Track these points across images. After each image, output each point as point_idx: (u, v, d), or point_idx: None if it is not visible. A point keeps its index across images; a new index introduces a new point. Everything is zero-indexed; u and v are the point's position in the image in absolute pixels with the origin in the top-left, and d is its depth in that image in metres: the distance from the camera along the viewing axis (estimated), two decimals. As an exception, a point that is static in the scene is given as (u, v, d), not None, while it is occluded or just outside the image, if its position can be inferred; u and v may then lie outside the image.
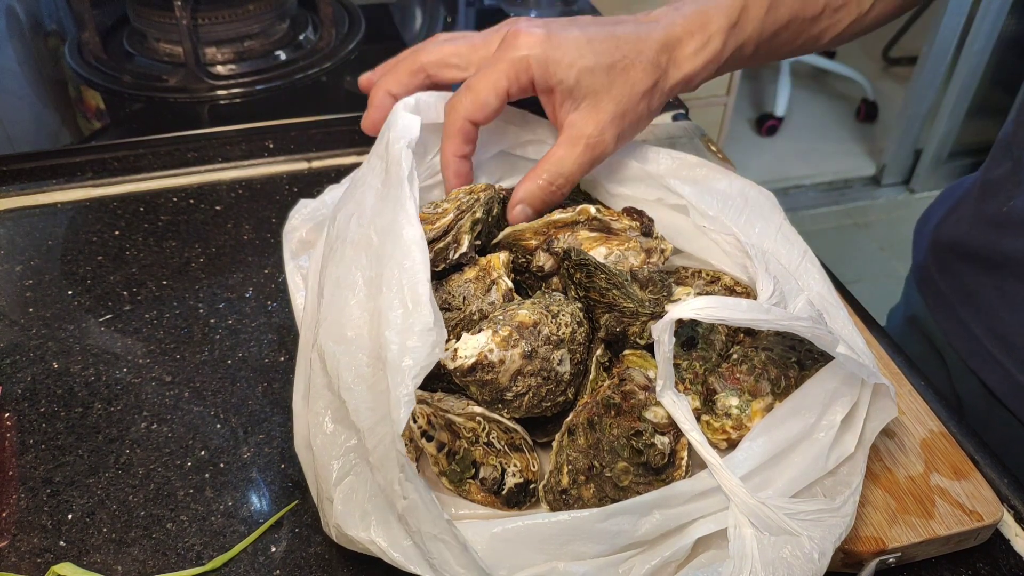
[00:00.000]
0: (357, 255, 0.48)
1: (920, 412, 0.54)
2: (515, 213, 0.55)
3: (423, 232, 0.46)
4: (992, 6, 2.23)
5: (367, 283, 0.46)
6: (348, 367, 0.44)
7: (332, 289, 0.47)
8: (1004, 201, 0.65)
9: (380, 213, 0.49)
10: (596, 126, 0.54)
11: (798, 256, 0.54)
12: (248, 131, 0.83)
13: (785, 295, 0.49)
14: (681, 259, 0.58)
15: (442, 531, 0.40)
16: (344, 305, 0.46)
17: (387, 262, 0.45)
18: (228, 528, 0.50)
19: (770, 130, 2.85)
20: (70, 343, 0.61)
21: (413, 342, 0.41)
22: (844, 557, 0.46)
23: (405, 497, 0.40)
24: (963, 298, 0.70)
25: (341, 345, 0.45)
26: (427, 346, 0.41)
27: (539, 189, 0.55)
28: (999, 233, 0.65)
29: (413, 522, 0.41)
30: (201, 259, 0.69)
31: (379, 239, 0.47)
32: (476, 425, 0.47)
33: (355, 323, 0.45)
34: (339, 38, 1.01)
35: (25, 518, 0.50)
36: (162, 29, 0.95)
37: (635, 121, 0.56)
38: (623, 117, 0.55)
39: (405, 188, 0.48)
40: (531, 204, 0.55)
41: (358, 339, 0.44)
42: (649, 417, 0.46)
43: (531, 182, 0.55)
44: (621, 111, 0.54)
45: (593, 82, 0.53)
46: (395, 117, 0.53)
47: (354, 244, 0.48)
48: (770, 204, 0.56)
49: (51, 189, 0.75)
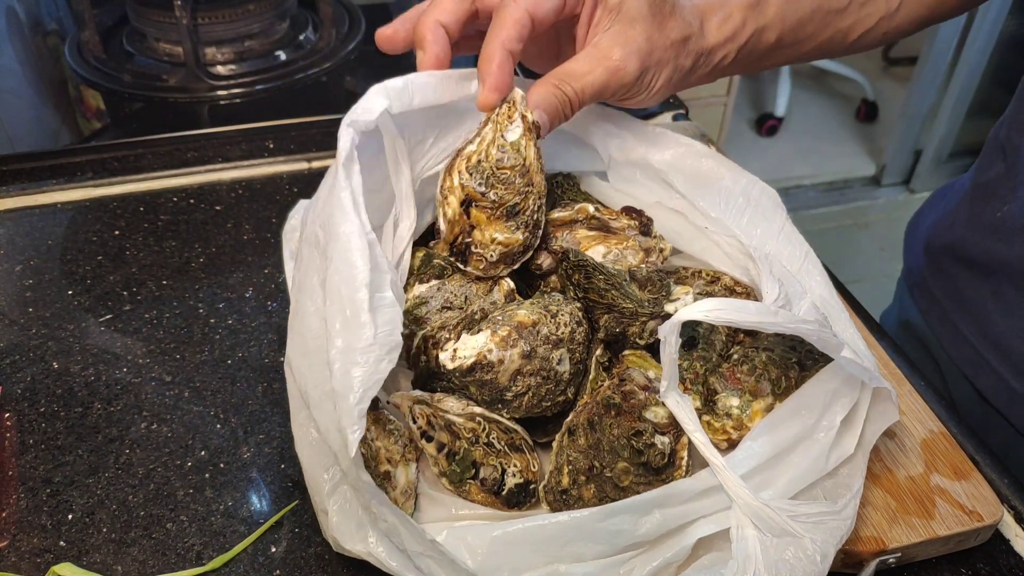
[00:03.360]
0: (312, 255, 0.45)
1: (920, 412, 0.54)
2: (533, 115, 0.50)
3: (362, 224, 0.43)
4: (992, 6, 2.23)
5: (322, 286, 0.44)
6: (314, 385, 0.42)
7: (296, 295, 0.46)
8: (999, 206, 0.64)
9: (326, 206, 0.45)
10: (621, 51, 0.50)
11: (800, 257, 0.54)
12: (248, 131, 0.83)
13: (790, 297, 0.49)
14: (681, 259, 0.58)
15: (427, 548, 0.40)
16: (305, 314, 0.44)
17: (330, 264, 0.43)
18: (228, 528, 0.50)
19: (770, 130, 2.85)
20: (70, 343, 0.61)
21: (355, 360, 0.40)
22: (844, 557, 0.46)
23: (385, 520, 0.40)
24: (957, 303, 0.69)
25: (306, 359, 0.43)
26: (370, 363, 0.40)
27: (552, 95, 0.49)
28: (994, 239, 0.64)
29: (397, 542, 0.41)
30: (201, 259, 0.69)
31: (324, 236, 0.44)
32: (476, 425, 0.47)
33: (315, 333, 0.43)
34: (339, 38, 1.01)
35: (25, 518, 0.50)
36: (162, 29, 0.95)
37: (660, 65, 0.52)
38: (650, 55, 0.51)
39: (340, 177, 0.44)
40: (546, 110, 0.50)
41: (319, 351, 0.42)
42: (649, 417, 0.46)
43: (543, 86, 0.50)
44: (649, 48, 0.51)
45: (634, 8, 0.50)
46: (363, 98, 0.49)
47: (308, 243, 0.46)
48: (773, 203, 0.56)
49: (51, 189, 0.75)
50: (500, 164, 0.50)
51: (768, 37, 0.57)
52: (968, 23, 2.30)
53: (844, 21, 0.59)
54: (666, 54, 0.52)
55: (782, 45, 0.58)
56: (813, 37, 0.59)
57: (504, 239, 0.50)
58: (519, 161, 0.50)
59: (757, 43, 0.57)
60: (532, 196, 0.50)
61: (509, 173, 0.50)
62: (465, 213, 0.50)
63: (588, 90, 0.50)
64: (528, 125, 0.50)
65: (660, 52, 0.52)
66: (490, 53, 0.49)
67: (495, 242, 0.50)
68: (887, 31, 0.61)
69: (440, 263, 0.53)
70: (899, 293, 0.82)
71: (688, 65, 0.54)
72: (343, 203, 0.43)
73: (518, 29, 0.49)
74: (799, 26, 0.58)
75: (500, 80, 0.49)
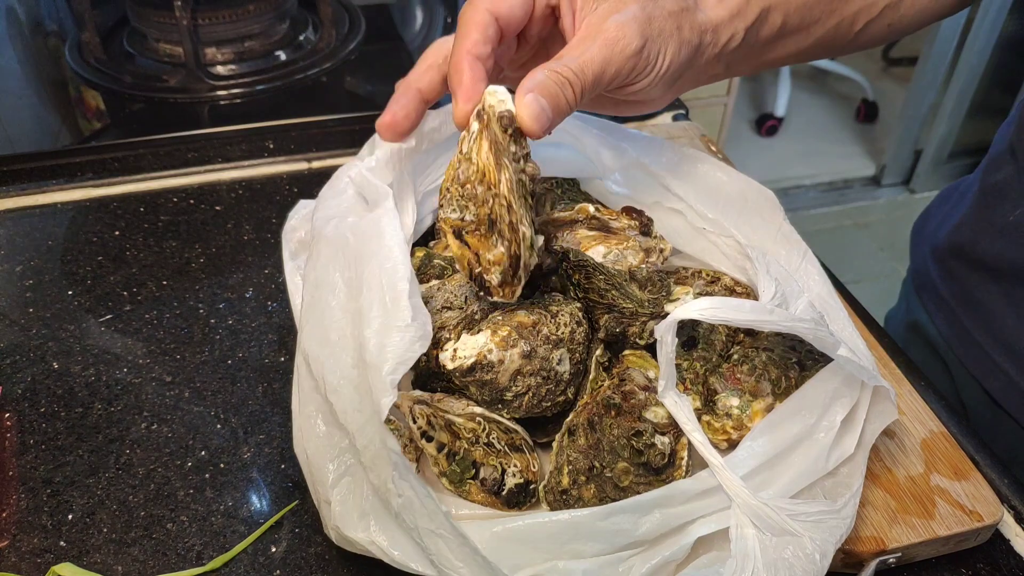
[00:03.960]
0: (335, 255, 0.47)
1: (920, 412, 0.54)
2: (526, 102, 0.43)
3: (406, 237, 0.45)
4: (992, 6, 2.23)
5: (347, 283, 0.46)
6: (332, 370, 0.44)
7: (312, 291, 0.47)
8: (1011, 209, 0.64)
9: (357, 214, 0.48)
10: (616, 22, 0.45)
11: (798, 257, 0.54)
12: (248, 131, 0.83)
13: (787, 296, 0.49)
14: (681, 259, 0.58)
15: (439, 526, 0.40)
16: (325, 307, 0.46)
17: (367, 263, 0.45)
18: (228, 528, 0.50)
19: (770, 130, 2.85)
20: (70, 343, 0.61)
21: (391, 338, 0.41)
22: (844, 557, 0.46)
23: (400, 495, 0.40)
24: (967, 306, 0.69)
25: (325, 348, 0.44)
26: (406, 341, 0.41)
27: (548, 78, 0.43)
28: (1005, 241, 0.64)
29: (409, 519, 0.41)
30: (201, 259, 0.69)
31: (356, 239, 0.46)
32: (476, 426, 0.47)
33: (337, 325, 0.45)
34: (339, 38, 1.01)
35: (25, 518, 0.50)
36: (162, 29, 0.95)
37: (664, 36, 0.47)
38: (648, 23, 0.46)
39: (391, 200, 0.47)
40: (543, 94, 0.43)
41: (341, 340, 0.44)
42: (649, 417, 0.46)
43: (538, 71, 0.44)
44: (646, 16, 0.46)
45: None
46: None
47: (330, 244, 0.48)
48: (770, 204, 0.56)
49: (51, 189, 0.75)
50: (460, 182, 0.46)
51: (775, 19, 0.53)
52: (968, 23, 2.30)
53: (849, 7, 0.56)
54: (667, 24, 0.47)
55: (787, 30, 0.55)
56: (819, 23, 0.56)
57: (494, 257, 0.46)
58: (473, 170, 0.45)
59: (763, 25, 0.53)
60: (497, 200, 0.45)
61: (470, 187, 0.45)
62: (464, 244, 0.47)
63: (589, 68, 0.45)
64: (484, 122, 0.44)
65: (660, 21, 0.47)
66: (456, 63, 0.45)
67: (491, 263, 0.46)
68: (892, 22, 0.59)
69: (440, 263, 0.53)
70: (905, 294, 0.82)
71: (696, 41, 0.49)
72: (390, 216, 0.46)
73: (481, 31, 0.45)
74: (805, 8, 0.54)
75: (472, 90, 0.45)
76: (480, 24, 0.45)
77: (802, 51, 0.57)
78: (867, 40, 0.59)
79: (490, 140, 0.44)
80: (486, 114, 0.44)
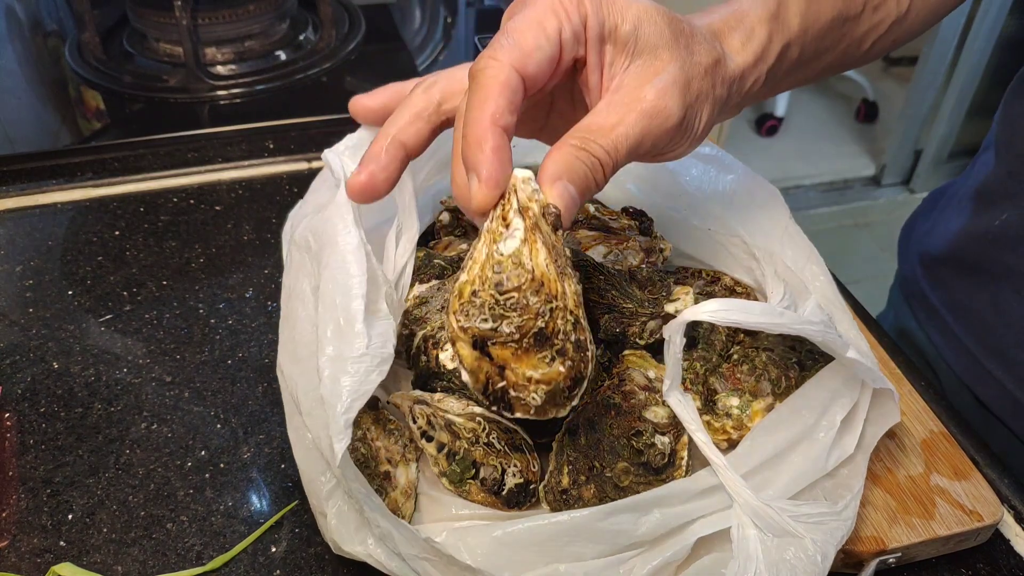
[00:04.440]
0: (303, 260, 0.45)
1: (920, 412, 0.54)
2: (558, 193, 0.37)
3: (360, 236, 0.41)
4: (992, 6, 2.23)
5: (313, 293, 0.43)
6: (305, 391, 0.42)
7: (286, 301, 0.46)
8: (997, 214, 0.63)
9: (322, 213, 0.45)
10: (655, 89, 0.39)
11: (804, 257, 0.53)
12: (248, 131, 0.83)
13: (795, 298, 0.49)
14: (681, 259, 0.58)
15: (422, 551, 0.40)
16: (296, 320, 0.44)
17: (324, 272, 0.42)
18: (228, 528, 0.50)
19: (770, 130, 2.85)
20: (70, 343, 0.61)
21: (346, 370, 0.40)
22: (844, 557, 0.46)
23: (377, 525, 0.40)
24: (956, 312, 0.68)
25: (296, 366, 0.43)
26: (360, 373, 0.40)
27: (576, 160, 0.38)
28: (995, 247, 0.64)
29: (392, 546, 0.41)
30: (201, 259, 0.69)
31: (316, 243, 0.44)
32: (476, 425, 0.47)
33: (306, 340, 0.43)
34: (339, 38, 1.01)
35: (25, 518, 0.50)
36: (162, 29, 0.95)
37: (701, 99, 0.42)
38: (688, 87, 0.41)
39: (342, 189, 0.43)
40: (572, 181, 0.38)
41: (311, 358, 0.42)
42: (649, 417, 0.46)
43: (563, 150, 0.38)
44: (685, 79, 0.40)
45: (653, 34, 0.40)
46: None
47: (299, 248, 0.46)
48: (776, 202, 0.55)
49: (51, 189, 0.75)
50: (502, 289, 0.38)
51: (792, 54, 0.49)
52: (968, 23, 2.30)
53: (859, 29, 0.54)
54: (704, 84, 0.42)
55: (802, 61, 0.50)
56: (830, 50, 0.52)
57: (542, 375, 0.39)
58: (525, 277, 0.38)
59: (782, 62, 0.48)
60: (559, 313, 0.38)
61: (517, 296, 0.38)
62: (485, 355, 0.39)
63: (623, 145, 0.38)
64: (532, 220, 0.37)
65: (698, 82, 0.41)
66: (476, 136, 0.36)
67: (533, 381, 0.39)
68: (897, 36, 0.56)
69: (440, 263, 0.53)
70: (893, 300, 0.81)
71: (724, 96, 0.44)
72: (342, 213, 0.41)
73: (508, 96, 0.37)
74: (819, 38, 0.50)
75: (498, 171, 0.36)
76: (507, 86, 0.37)
77: (811, 77, 0.54)
78: (874, 55, 0.57)
79: (545, 243, 0.38)
80: (529, 209, 0.38)
